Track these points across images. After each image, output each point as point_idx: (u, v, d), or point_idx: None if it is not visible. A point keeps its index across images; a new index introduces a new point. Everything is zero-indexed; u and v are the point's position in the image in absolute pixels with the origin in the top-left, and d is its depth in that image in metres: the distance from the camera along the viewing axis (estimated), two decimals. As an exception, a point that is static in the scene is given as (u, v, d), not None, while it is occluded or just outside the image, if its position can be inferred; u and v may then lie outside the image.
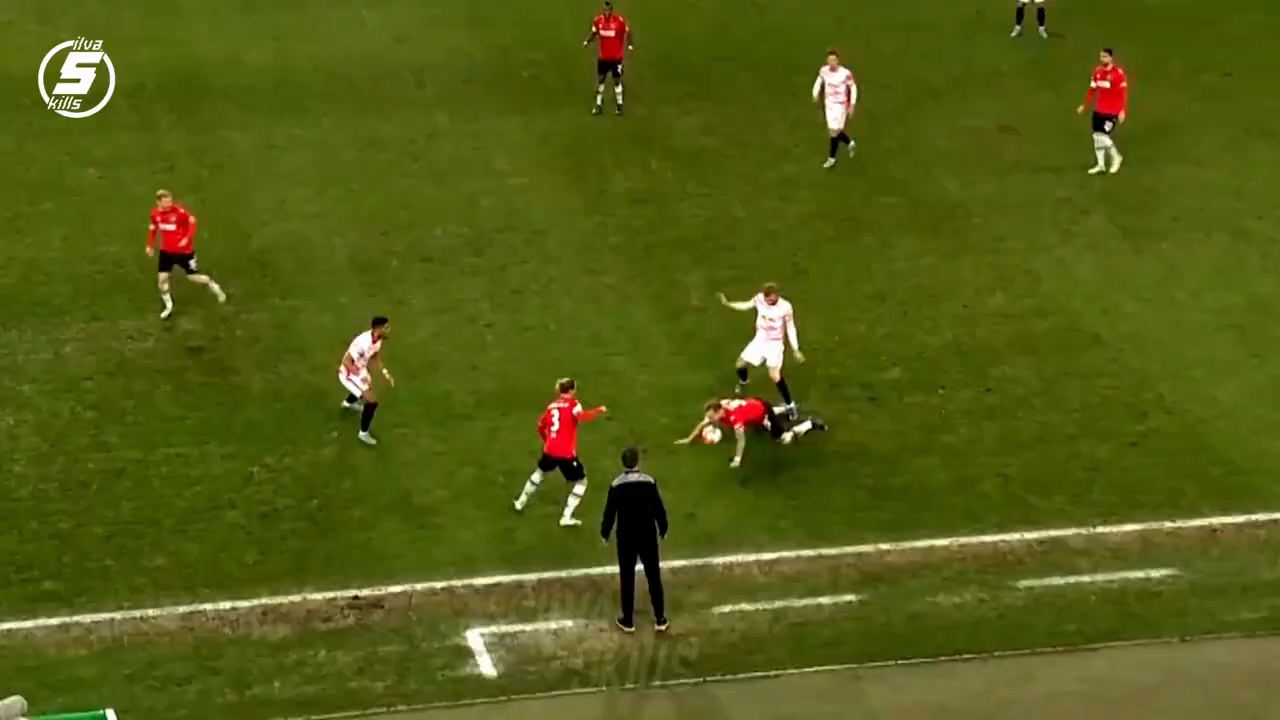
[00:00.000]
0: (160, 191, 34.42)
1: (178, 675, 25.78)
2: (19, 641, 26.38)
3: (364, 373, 30.65)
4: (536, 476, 29.14)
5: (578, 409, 29.10)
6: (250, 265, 36.56)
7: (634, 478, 26.72)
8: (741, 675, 26.01)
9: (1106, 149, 40.59)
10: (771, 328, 31.78)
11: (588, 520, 28.35)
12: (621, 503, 26.59)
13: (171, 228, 33.91)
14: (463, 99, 44.17)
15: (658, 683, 25.84)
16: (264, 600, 27.31)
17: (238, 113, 43.01)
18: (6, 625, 26.62)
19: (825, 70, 40.38)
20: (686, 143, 42.25)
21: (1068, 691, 25.91)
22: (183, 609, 27.10)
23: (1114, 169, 40.72)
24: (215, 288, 34.39)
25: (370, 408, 30.76)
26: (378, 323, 30.85)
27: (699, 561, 28.15)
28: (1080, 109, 40.73)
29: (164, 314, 34.16)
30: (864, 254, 37.70)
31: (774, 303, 31.87)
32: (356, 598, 27.42)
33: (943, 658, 26.43)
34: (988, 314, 35.39)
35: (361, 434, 30.82)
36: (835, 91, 40.20)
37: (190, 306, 34.65)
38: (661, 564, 27.21)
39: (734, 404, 30.51)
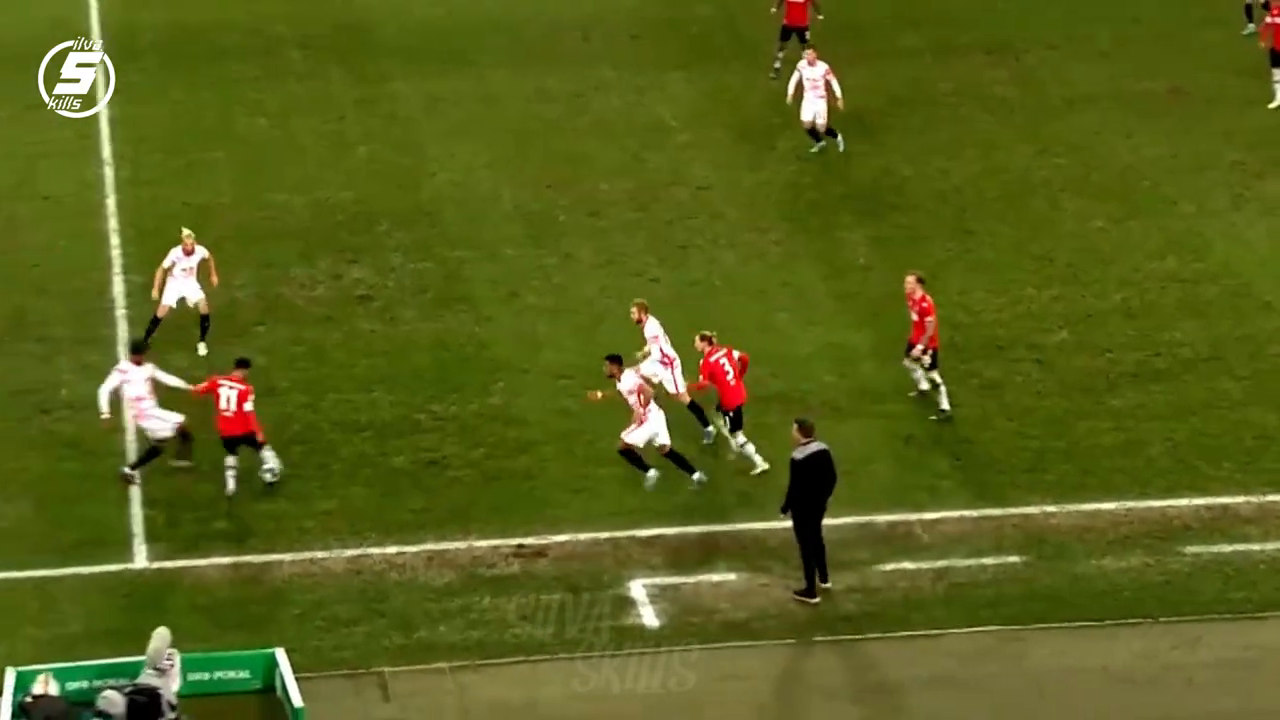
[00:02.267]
0: None
1: (345, 617, 26.11)
2: (191, 580, 26.88)
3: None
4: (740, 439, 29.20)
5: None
6: (419, 216, 36.93)
7: (814, 447, 26.55)
8: (902, 633, 25.99)
9: None
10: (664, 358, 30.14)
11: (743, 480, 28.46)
12: (807, 474, 26.41)
13: None
14: (629, 53, 44.26)
15: (819, 638, 25.85)
16: (430, 546, 27.60)
17: (406, 65, 43.39)
18: (179, 563, 27.15)
19: (804, 65, 39.32)
20: (851, 101, 41.94)
21: (1234, 659, 25.62)
22: (350, 552, 27.45)
23: None
24: None
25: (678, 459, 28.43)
26: (611, 360, 28.74)
27: (862, 519, 28.11)
28: (1262, 43, 40.14)
29: None
30: (1031, 216, 37.41)
31: (641, 321, 30.02)
32: (521, 546, 27.66)
33: (1107, 621, 26.23)
34: (1157, 278, 34.97)
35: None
36: (815, 85, 39.11)
37: (361, 255, 35.05)
38: (823, 521, 27.32)
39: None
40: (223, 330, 32.54)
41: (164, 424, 28.74)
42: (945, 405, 30.59)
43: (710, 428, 29.85)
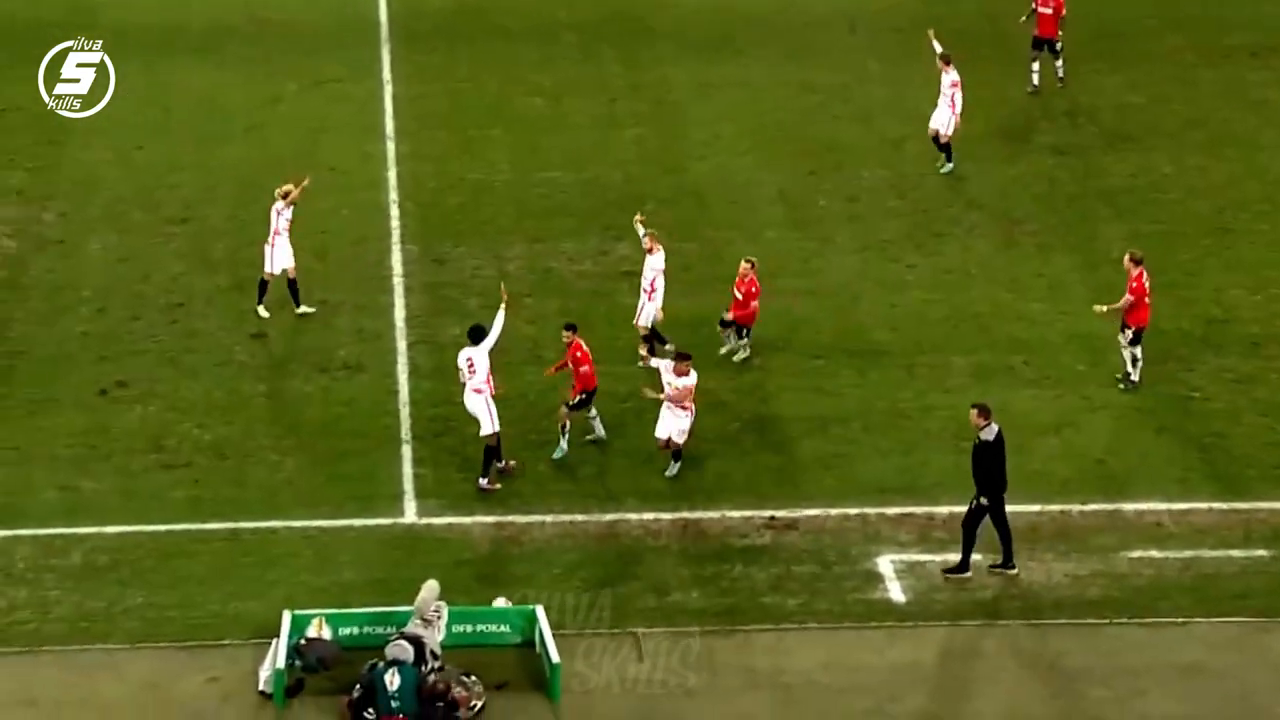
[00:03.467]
0: None
1: (601, 579, 26.99)
2: (458, 536, 27.98)
3: None
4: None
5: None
6: (684, 196, 37.92)
7: (995, 427, 26.81)
8: (1147, 619, 26.30)
9: None
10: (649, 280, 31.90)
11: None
12: (989, 454, 26.69)
13: None
14: (892, 46, 44.79)
15: (1063, 620, 26.29)
16: (684, 514, 28.46)
17: (676, 51, 44.41)
18: (446, 520, 28.29)
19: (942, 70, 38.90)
20: (1112, 98, 42.22)
21: None
22: (608, 517, 28.40)
23: None
24: None
25: None
26: (684, 358, 29.94)
27: (1110, 506, 28.51)
28: None
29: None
30: (1292, 216, 37.47)
31: (651, 251, 31.82)
32: (773, 518, 28.41)
33: (1359, 619, 26.28)
34: None
35: None
36: (942, 94, 38.61)
37: (628, 233, 36.01)
38: (1071, 507, 28.02)
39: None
40: (495, 299, 33.59)
41: (487, 417, 29.15)
42: (1136, 376, 31.17)
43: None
